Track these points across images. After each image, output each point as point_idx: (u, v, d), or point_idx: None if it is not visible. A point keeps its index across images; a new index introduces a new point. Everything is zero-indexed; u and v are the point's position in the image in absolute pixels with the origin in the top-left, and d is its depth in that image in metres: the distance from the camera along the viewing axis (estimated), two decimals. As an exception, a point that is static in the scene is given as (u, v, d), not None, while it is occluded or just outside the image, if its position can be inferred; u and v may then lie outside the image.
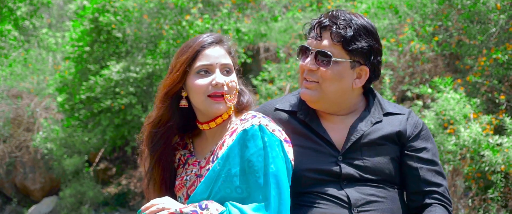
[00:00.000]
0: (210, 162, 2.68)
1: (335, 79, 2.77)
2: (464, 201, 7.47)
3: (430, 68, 9.21)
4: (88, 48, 13.11)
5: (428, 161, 2.83)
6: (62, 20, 19.96)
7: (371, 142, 2.80)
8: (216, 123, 2.72)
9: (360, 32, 2.75)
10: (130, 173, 15.75)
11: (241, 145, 2.58)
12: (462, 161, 7.24)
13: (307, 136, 2.82)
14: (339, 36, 2.73)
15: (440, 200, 2.79)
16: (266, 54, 13.01)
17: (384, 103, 2.92)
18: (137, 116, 12.69)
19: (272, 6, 13.73)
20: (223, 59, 2.69)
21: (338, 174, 2.75)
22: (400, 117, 2.87)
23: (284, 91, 10.38)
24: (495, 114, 7.65)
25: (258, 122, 2.62)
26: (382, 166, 2.78)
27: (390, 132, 2.83)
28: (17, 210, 15.46)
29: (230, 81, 2.68)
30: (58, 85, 13.97)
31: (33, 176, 15.54)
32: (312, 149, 2.79)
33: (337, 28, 2.73)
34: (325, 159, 2.77)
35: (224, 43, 2.74)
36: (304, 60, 2.81)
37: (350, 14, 2.79)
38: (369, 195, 2.73)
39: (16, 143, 15.61)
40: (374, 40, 2.80)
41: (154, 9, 12.61)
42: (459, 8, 8.52)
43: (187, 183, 2.75)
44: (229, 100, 2.67)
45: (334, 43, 2.74)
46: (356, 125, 2.82)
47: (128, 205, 14.74)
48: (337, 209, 2.69)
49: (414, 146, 2.84)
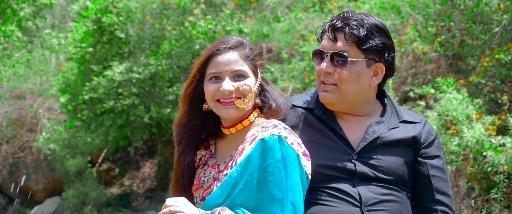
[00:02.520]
0: (228, 167, 2.68)
1: (353, 79, 2.80)
2: (467, 201, 7.46)
3: (432, 68, 9.21)
4: (91, 49, 13.13)
5: (440, 169, 2.88)
6: (65, 21, 19.99)
7: (387, 143, 2.83)
8: (237, 129, 2.74)
9: (372, 31, 2.79)
10: (133, 173, 15.77)
11: (259, 154, 2.58)
12: (465, 161, 7.23)
13: (323, 132, 2.84)
14: (353, 37, 2.76)
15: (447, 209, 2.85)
16: (269, 55, 13.01)
17: (400, 111, 2.96)
18: (139, 117, 12.71)
19: (274, 6, 13.74)
20: (234, 65, 2.68)
21: (352, 171, 2.77)
22: (416, 125, 2.92)
23: (287, 92, 10.38)
24: (498, 114, 7.65)
25: (278, 133, 2.61)
26: (396, 167, 2.81)
27: (406, 136, 2.86)
28: (20, 210, 15.48)
29: (241, 85, 2.67)
30: (61, 86, 13.99)
31: (36, 177, 15.56)
32: (327, 146, 2.81)
33: (350, 29, 2.76)
34: (339, 156, 2.79)
35: (241, 48, 2.73)
36: (319, 63, 2.82)
37: (360, 14, 2.82)
38: (381, 195, 2.75)
39: (19, 144, 15.64)
40: (386, 38, 2.84)
41: (156, 10, 12.63)
42: (461, 9, 8.52)
43: (204, 184, 2.76)
44: (241, 104, 2.68)
45: (349, 43, 2.77)
46: (373, 127, 2.86)
47: (131, 205, 14.75)
48: (348, 207, 2.71)
49: (427, 153, 2.87)
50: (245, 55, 2.72)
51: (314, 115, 2.89)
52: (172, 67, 12.57)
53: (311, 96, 2.97)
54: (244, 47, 2.74)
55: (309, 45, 10.30)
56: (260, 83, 2.76)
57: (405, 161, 2.83)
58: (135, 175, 15.67)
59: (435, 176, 2.84)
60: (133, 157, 16.16)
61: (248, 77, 2.70)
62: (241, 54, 2.72)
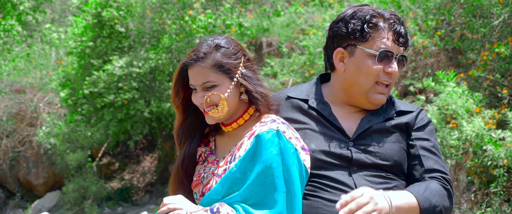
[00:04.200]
0: (227, 162, 2.69)
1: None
2: (467, 195, 7.47)
3: (432, 62, 9.21)
4: (91, 43, 13.12)
5: (431, 151, 2.87)
6: (65, 15, 19.98)
7: (382, 130, 2.84)
8: (238, 124, 2.76)
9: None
10: (133, 167, 15.79)
11: (257, 149, 2.59)
12: (464, 155, 7.24)
13: (318, 121, 2.85)
14: (406, 40, 2.85)
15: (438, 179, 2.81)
16: (269, 49, 13.02)
17: (396, 102, 2.97)
18: (140, 111, 12.71)
19: (274, 0, 13.74)
20: (200, 78, 2.69)
21: (349, 158, 2.76)
22: (411, 113, 2.93)
23: (287, 86, 10.38)
24: (497, 108, 7.65)
25: (276, 127, 2.62)
26: (393, 152, 2.81)
27: (399, 122, 2.88)
28: (20, 204, 15.50)
29: (209, 96, 2.67)
30: (61, 80, 13.99)
31: (36, 171, 15.57)
32: (323, 133, 2.81)
33: (406, 32, 2.84)
34: (336, 143, 2.79)
35: (210, 56, 2.69)
36: (386, 64, 2.82)
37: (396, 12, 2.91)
38: (377, 184, 2.74)
39: (19, 138, 15.64)
40: None
41: (156, 4, 12.62)
42: (461, 3, 8.52)
43: (204, 180, 2.76)
44: (215, 113, 2.70)
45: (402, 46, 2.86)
46: (369, 116, 2.87)
47: (131, 199, 14.77)
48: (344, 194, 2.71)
49: (417, 135, 2.88)
50: (215, 63, 2.68)
51: (309, 105, 2.89)
52: (172, 62, 12.57)
53: (305, 89, 2.97)
54: (215, 53, 2.70)
55: (309, 39, 10.30)
56: (241, 82, 2.72)
57: (401, 147, 2.83)
58: (135, 169, 15.69)
59: (425, 156, 2.84)
60: (133, 151, 16.18)
61: (218, 86, 2.68)
62: (210, 62, 2.68)
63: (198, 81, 2.69)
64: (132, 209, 14.10)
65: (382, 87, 2.83)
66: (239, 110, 2.75)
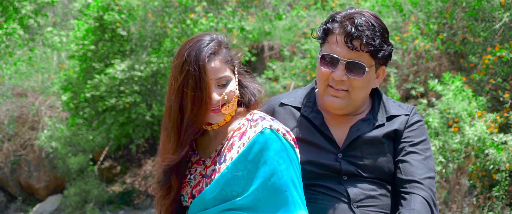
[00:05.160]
0: (216, 162, 2.65)
1: (365, 87, 2.77)
2: (469, 199, 7.45)
3: (434, 66, 9.20)
4: (92, 46, 13.12)
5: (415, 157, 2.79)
6: (67, 19, 19.99)
7: (371, 139, 2.80)
8: (225, 121, 2.68)
9: (384, 37, 2.75)
10: (134, 171, 15.77)
11: (255, 149, 2.55)
12: (466, 159, 7.23)
13: (310, 130, 2.83)
14: (369, 46, 2.70)
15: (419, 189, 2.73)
16: (271, 52, 13.01)
17: (388, 106, 2.91)
18: (141, 114, 12.71)
19: (276, 4, 13.72)
20: (218, 73, 2.59)
21: (338, 170, 2.76)
22: (402, 117, 2.87)
23: (288, 89, 10.37)
24: (499, 112, 7.64)
25: (269, 125, 2.58)
26: (381, 164, 2.79)
27: (389, 130, 2.83)
28: (22, 208, 15.49)
29: (226, 93, 2.60)
30: (62, 84, 13.99)
31: (37, 175, 15.56)
32: (314, 144, 2.80)
33: (367, 38, 2.68)
34: (326, 155, 2.78)
35: (220, 51, 2.63)
36: (331, 69, 2.73)
37: (366, 16, 2.74)
38: (369, 191, 2.74)
39: (20, 141, 15.64)
40: (389, 40, 2.82)
41: (158, 8, 12.62)
42: (463, 6, 8.51)
43: (191, 182, 2.71)
44: (226, 110, 2.62)
45: (364, 52, 2.71)
46: (358, 125, 2.83)
47: (133, 203, 14.76)
48: (337, 204, 2.71)
49: (405, 139, 2.83)
50: (225, 58, 2.63)
51: (301, 114, 2.87)
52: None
53: (299, 95, 2.95)
54: (222, 48, 2.65)
55: (311, 43, 10.29)
56: (238, 79, 2.70)
57: (389, 158, 2.81)
58: (136, 172, 15.67)
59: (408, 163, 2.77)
60: (135, 154, 16.16)
61: (231, 81, 2.63)
62: (222, 58, 2.62)
63: (215, 76, 2.58)
64: (133, 213, 14.09)
65: (333, 91, 2.75)
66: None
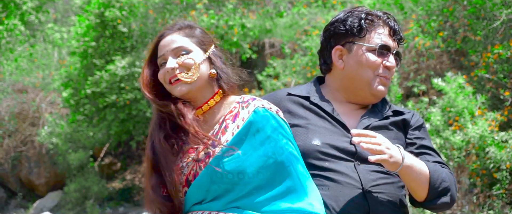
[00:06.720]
0: (208, 146, 2.60)
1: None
2: (469, 197, 7.46)
3: (435, 64, 9.20)
4: (93, 43, 13.13)
5: (431, 149, 2.94)
6: (68, 15, 20.00)
7: (381, 126, 2.89)
8: (209, 105, 2.67)
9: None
10: (135, 168, 15.78)
11: (254, 130, 2.57)
12: (467, 157, 7.23)
13: (321, 116, 2.88)
14: (400, 36, 2.96)
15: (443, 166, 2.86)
16: (271, 50, 13.01)
17: (390, 103, 3.05)
18: (142, 111, 12.71)
19: (277, 1, 13.72)
20: (174, 44, 2.63)
21: (353, 152, 2.79)
22: (406, 114, 3.00)
23: (289, 87, 10.37)
24: (500, 110, 7.64)
25: (261, 104, 2.62)
26: None
27: (396, 119, 2.95)
28: (22, 204, 15.51)
29: (183, 60, 2.60)
30: (63, 80, 14.00)
31: (38, 171, 15.58)
32: (326, 128, 2.85)
33: (399, 29, 2.95)
34: (340, 138, 2.82)
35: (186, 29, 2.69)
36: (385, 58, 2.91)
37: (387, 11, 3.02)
38: (379, 179, 2.78)
39: (21, 138, 15.66)
40: None
41: (159, 4, 12.62)
42: (464, 4, 8.50)
43: (185, 169, 2.65)
44: (185, 77, 2.60)
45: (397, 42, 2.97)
46: (368, 114, 2.93)
47: (133, 200, 14.77)
48: (350, 188, 2.72)
49: (415, 135, 2.95)
50: (191, 34, 2.68)
51: (311, 101, 2.92)
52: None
53: (305, 88, 3.01)
54: (191, 29, 2.70)
55: (312, 41, 10.29)
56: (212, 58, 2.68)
57: (400, 144, 2.85)
58: (137, 169, 15.68)
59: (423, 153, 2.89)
60: (135, 151, 16.17)
61: (192, 52, 2.64)
62: (186, 33, 2.67)
63: (171, 47, 2.63)
64: (133, 210, 14.10)
65: (384, 80, 2.91)
66: (209, 90, 2.68)
